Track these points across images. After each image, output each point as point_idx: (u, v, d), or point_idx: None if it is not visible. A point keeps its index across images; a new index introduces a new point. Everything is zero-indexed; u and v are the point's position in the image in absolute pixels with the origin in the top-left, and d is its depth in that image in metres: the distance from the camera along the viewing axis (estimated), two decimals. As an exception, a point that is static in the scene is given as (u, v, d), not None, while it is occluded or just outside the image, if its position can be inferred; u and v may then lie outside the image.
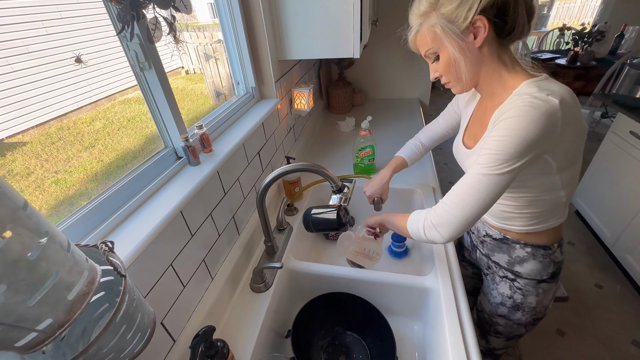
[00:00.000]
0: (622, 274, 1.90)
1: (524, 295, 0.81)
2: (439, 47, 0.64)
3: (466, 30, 0.59)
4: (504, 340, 0.93)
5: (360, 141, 1.27)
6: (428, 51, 0.66)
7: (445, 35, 0.61)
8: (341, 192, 0.80)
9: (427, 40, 0.64)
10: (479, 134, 0.74)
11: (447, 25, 0.60)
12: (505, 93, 0.64)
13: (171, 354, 0.68)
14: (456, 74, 0.65)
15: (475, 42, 0.60)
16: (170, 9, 0.66)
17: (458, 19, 0.59)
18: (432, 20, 0.61)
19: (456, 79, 0.67)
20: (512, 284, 0.83)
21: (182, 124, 0.80)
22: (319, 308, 0.89)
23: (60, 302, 0.30)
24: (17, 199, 0.28)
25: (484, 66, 0.64)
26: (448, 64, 0.64)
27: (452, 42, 0.61)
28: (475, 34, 0.60)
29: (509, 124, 0.57)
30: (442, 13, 0.60)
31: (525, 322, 0.85)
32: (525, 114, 0.55)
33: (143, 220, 0.62)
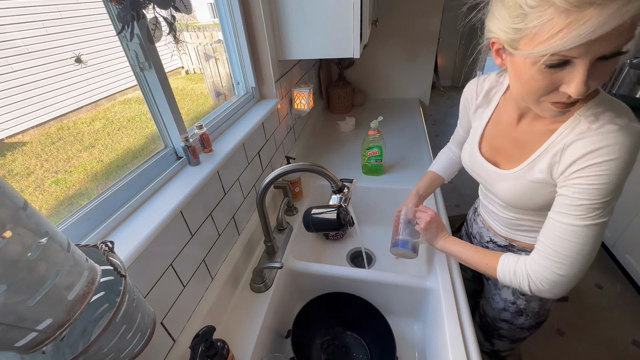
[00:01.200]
0: (622, 274, 1.90)
1: (527, 301, 0.80)
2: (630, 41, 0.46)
3: None
4: (509, 343, 0.92)
5: (368, 140, 1.27)
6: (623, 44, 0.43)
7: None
8: (341, 192, 0.80)
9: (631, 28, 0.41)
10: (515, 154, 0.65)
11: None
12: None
13: (171, 354, 0.68)
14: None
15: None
16: (170, 9, 0.66)
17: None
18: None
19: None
20: (515, 290, 0.81)
21: (182, 124, 0.80)
22: (319, 308, 0.89)
23: (60, 302, 0.30)
24: (17, 199, 0.28)
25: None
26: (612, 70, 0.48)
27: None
28: None
29: (612, 168, 0.49)
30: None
31: (529, 326, 0.85)
32: (626, 153, 0.48)
33: (143, 220, 0.62)
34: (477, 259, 0.69)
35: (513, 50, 0.48)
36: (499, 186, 0.69)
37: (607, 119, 0.50)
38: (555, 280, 0.55)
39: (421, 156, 1.45)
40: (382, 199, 1.29)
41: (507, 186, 0.67)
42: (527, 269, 0.58)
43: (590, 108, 0.52)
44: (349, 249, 1.26)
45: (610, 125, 0.49)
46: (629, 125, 0.49)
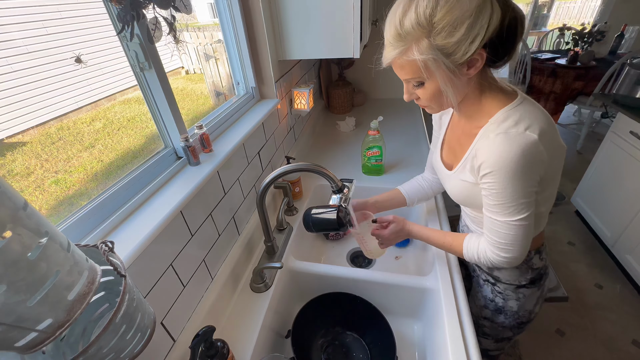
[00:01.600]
0: (622, 274, 1.90)
1: (504, 299, 0.82)
2: (427, 77, 0.58)
3: (461, 64, 0.54)
4: (493, 342, 0.92)
5: (368, 140, 1.26)
6: (411, 79, 0.60)
7: (438, 69, 0.55)
8: (341, 192, 0.80)
9: (411, 69, 0.57)
10: (458, 154, 0.72)
11: (442, 59, 0.53)
12: (483, 118, 0.62)
13: (171, 354, 0.68)
14: (439, 102, 0.62)
15: (468, 72, 0.56)
16: (170, 9, 0.66)
17: (456, 52, 0.52)
18: (422, 48, 0.53)
19: (438, 106, 0.64)
20: (493, 287, 0.83)
21: (182, 124, 0.80)
22: (319, 308, 0.89)
23: (60, 302, 0.30)
24: (17, 199, 0.28)
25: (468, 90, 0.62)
26: (434, 94, 0.60)
27: (444, 74, 0.56)
28: (470, 65, 0.55)
29: (496, 175, 0.57)
30: (438, 45, 0.52)
31: (510, 325, 0.85)
32: (507, 160, 0.54)
33: (143, 220, 0.62)
34: (446, 245, 0.79)
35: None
36: (447, 185, 0.77)
37: (503, 127, 0.57)
38: (507, 261, 0.65)
39: (421, 156, 1.45)
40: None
41: (451, 186, 0.75)
42: (486, 255, 0.68)
43: (502, 114, 0.59)
44: (349, 249, 1.26)
45: (501, 135, 0.56)
46: (517, 135, 0.55)
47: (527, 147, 0.54)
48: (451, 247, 0.78)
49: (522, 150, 0.54)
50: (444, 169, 0.78)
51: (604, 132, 2.08)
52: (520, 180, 0.56)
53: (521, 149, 0.54)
